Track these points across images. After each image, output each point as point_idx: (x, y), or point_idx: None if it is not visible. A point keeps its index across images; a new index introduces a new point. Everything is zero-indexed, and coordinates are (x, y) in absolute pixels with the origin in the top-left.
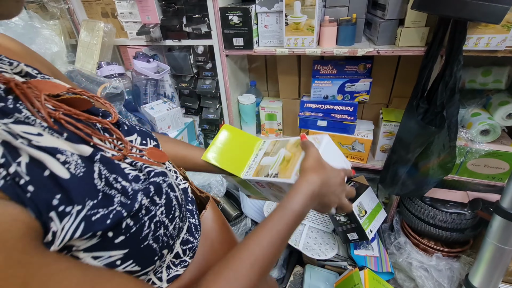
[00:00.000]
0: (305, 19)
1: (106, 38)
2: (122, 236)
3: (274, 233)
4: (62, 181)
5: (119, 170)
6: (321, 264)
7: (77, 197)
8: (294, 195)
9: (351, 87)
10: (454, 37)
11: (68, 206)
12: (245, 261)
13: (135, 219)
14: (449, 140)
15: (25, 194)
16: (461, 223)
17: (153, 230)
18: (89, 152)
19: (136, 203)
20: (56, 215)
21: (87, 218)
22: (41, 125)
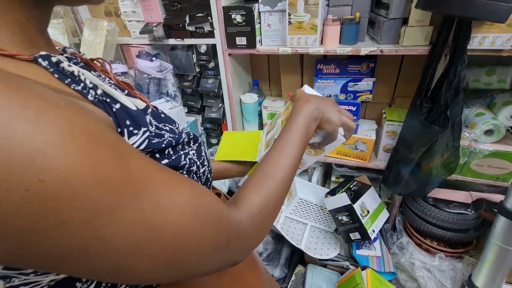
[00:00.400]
0: (308, 18)
1: (109, 37)
2: (166, 159)
3: (290, 156)
4: (131, 111)
5: (166, 119)
6: (323, 264)
7: (142, 123)
8: (291, 117)
9: (354, 87)
10: (458, 36)
11: (135, 129)
12: (274, 182)
13: (174, 149)
14: (452, 140)
15: (111, 109)
16: (464, 223)
17: (188, 164)
18: (144, 106)
19: (181, 138)
20: (127, 133)
21: (149, 138)
22: (109, 82)
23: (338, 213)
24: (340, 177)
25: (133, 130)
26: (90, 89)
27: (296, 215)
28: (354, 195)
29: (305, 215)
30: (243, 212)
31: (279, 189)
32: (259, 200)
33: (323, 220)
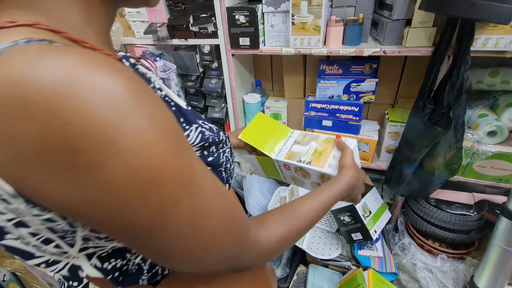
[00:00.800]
0: (311, 19)
1: (114, 37)
2: (211, 156)
3: (320, 212)
4: (182, 109)
5: (203, 118)
6: (325, 264)
7: (193, 120)
8: (338, 181)
9: (357, 87)
10: (462, 38)
11: (187, 125)
12: (299, 224)
13: (217, 147)
14: (455, 141)
15: (171, 108)
16: (466, 224)
17: (225, 161)
18: (185, 104)
19: (221, 136)
20: (181, 128)
21: (202, 132)
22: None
23: (340, 213)
24: None
25: (185, 125)
26: (157, 90)
27: None
28: None
29: None
30: (263, 236)
31: (300, 231)
32: (281, 232)
33: (325, 220)
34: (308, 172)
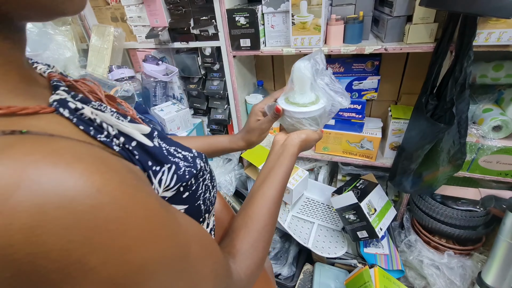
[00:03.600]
0: (311, 19)
1: (116, 42)
2: (187, 192)
3: (279, 185)
4: (148, 148)
5: (175, 142)
6: (331, 262)
7: (164, 158)
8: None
9: (359, 85)
10: (464, 33)
11: (158, 166)
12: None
13: (195, 178)
14: (459, 136)
15: (134, 156)
16: (473, 220)
17: (203, 192)
18: (149, 130)
19: (198, 165)
20: (152, 173)
21: (176, 171)
22: (110, 110)
23: (345, 211)
24: (347, 176)
25: (156, 168)
26: (113, 137)
27: (303, 214)
28: (361, 193)
29: (312, 214)
30: (242, 269)
31: (269, 234)
32: (256, 255)
33: (330, 219)
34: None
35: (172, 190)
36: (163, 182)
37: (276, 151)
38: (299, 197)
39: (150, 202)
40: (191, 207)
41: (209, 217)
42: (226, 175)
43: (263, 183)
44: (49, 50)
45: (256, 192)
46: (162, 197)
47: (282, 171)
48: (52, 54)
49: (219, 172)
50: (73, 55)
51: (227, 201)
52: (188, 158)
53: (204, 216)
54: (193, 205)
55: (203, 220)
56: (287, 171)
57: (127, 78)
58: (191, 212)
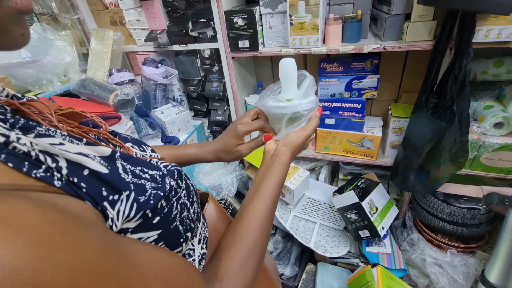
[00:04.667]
0: (309, 19)
1: (115, 46)
2: (158, 216)
3: (270, 197)
4: (103, 175)
5: (142, 162)
6: (333, 262)
7: (121, 186)
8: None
9: (359, 84)
10: (463, 30)
11: (116, 195)
12: (257, 232)
13: (167, 200)
14: (460, 134)
15: (81, 190)
16: (475, 218)
17: (179, 212)
18: (109, 152)
19: (167, 185)
20: (108, 204)
21: (136, 199)
22: (62, 134)
23: (347, 211)
24: (348, 175)
25: (114, 197)
26: (54, 170)
27: (305, 214)
28: (362, 192)
29: (313, 213)
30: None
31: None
32: (245, 276)
33: (331, 218)
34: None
35: (134, 221)
36: (121, 213)
37: (266, 163)
38: (300, 197)
39: (82, 254)
40: (165, 231)
41: (195, 234)
42: (227, 176)
43: (253, 197)
44: (50, 56)
45: (246, 207)
46: (124, 229)
47: (273, 182)
48: (53, 59)
49: (220, 173)
50: (73, 59)
51: (229, 203)
52: (156, 177)
53: (186, 235)
54: (168, 229)
55: (185, 240)
56: (278, 182)
57: (127, 82)
58: (166, 237)
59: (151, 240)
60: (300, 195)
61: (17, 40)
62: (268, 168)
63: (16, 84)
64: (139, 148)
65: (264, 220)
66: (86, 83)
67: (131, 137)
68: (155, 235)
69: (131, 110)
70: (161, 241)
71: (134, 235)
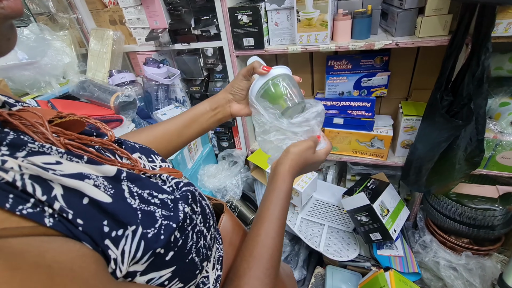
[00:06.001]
0: (317, 14)
1: (115, 46)
2: (172, 251)
3: (277, 221)
4: (105, 205)
5: (151, 184)
6: (343, 265)
7: (126, 218)
8: (278, 180)
9: (368, 82)
10: (481, 24)
11: (120, 229)
12: (265, 256)
13: (181, 230)
14: (476, 133)
15: (77, 228)
16: (491, 219)
17: (195, 242)
18: (114, 172)
19: (180, 213)
20: (111, 241)
21: (144, 236)
22: (58, 151)
23: (357, 213)
24: (356, 175)
25: (117, 232)
26: (45, 204)
27: (313, 216)
28: (372, 194)
29: (321, 215)
30: None
31: (277, 263)
32: None
33: (340, 220)
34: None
35: (142, 263)
36: (126, 254)
37: (269, 180)
38: (308, 199)
39: None
40: (180, 266)
41: (210, 259)
42: (233, 178)
43: (262, 220)
44: (47, 57)
45: (257, 229)
46: (131, 272)
47: (278, 198)
48: (51, 61)
49: (225, 175)
50: (72, 60)
51: (234, 205)
52: (167, 203)
53: (202, 266)
54: (183, 263)
55: (201, 271)
56: (282, 197)
57: (128, 83)
58: (181, 272)
59: (164, 279)
60: (308, 197)
61: (2, 47)
62: (270, 184)
63: (13, 87)
64: (147, 159)
65: (276, 241)
66: (86, 85)
67: (139, 145)
68: (169, 273)
69: (132, 112)
70: (175, 278)
71: (144, 277)
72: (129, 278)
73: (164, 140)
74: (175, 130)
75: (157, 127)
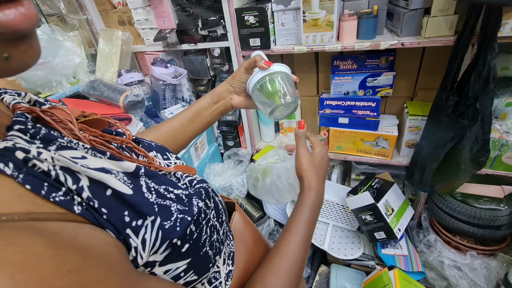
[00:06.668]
0: (323, 15)
1: (124, 46)
2: (187, 243)
3: (299, 235)
4: (126, 197)
5: (167, 180)
6: (347, 263)
7: (146, 209)
8: (303, 200)
9: (373, 82)
10: (487, 24)
11: (139, 219)
12: (283, 267)
13: (196, 224)
14: (482, 133)
15: (102, 217)
16: (497, 219)
17: (209, 236)
18: (133, 168)
19: (195, 207)
20: (131, 231)
21: (162, 226)
22: (84, 147)
23: (362, 212)
24: (361, 175)
25: (137, 222)
26: (74, 193)
27: None
28: (377, 193)
29: (326, 214)
30: None
31: (296, 278)
32: None
33: (344, 219)
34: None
35: (161, 252)
36: (147, 243)
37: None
38: None
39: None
40: (195, 258)
41: (221, 254)
42: (238, 176)
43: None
44: (59, 57)
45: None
46: (151, 262)
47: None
48: (62, 61)
49: (230, 174)
50: (82, 60)
51: (240, 204)
52: (182, 198)
53: (215, 259)
54: (197, 256)
55: (214, 264)
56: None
57: (136, 82)
58: (196, 265)
59: (180, 271)
60: None
61: (33, 56)
62: (296, 211)
63: (25, 86)
64: (162, 157)
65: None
66: (95, 84)
67: (155, 144)
68: (185, 265)
69: (141, 111)
70: (190, 270)
71: (162, 268)
72: (148, 267)
73: (172, 137)
74: (180, 126)
75: (163, 125)
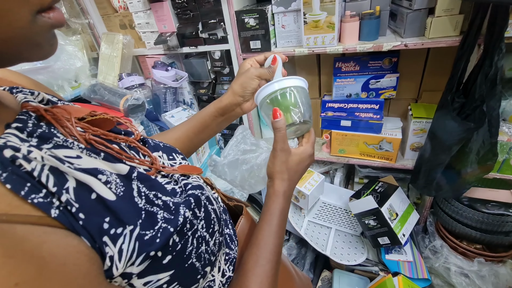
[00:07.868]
0: (324, 16)
1: (125, 50)
2: (169, 255)
3: (268, 248)
4: (109, 203)
5: (157, 185)
6: (350, 269)
7: (126, 217)
8: (270, 207)
9: (376, 84)
10: (494, 24)
11: (119, 227)
12: (253, 286)
13: (180, 235)
14: (489, 136)
15: (78, 222)
16: (505, 225)
17: (195, 247)
18: (126, 170)
19: (180, 217)
20: (109, 238)
21: (140, 237)
22: (79, 147)
23: (365, 217)
24: (364, 178)
25: (116, 230)
26: (54, 196)
27: (320, 219)
28: (380, 197)
29: (328, 218)
30: None
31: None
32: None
33: (348, 223)
34: None
35: (137, 265)
36: (124, 253)
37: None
38: (315, 202)
39: None
40: (179, 270)
41: (214, 266)
42: None
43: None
44: (60, 61)
45: (246, 257)
46: (128, 274)
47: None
48: (64, 65)
49: None
50: (84, 64)
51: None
52: (169, 205)
53: (204, 271)
54: (182, 268)
55: (204, 275)
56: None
57: (137, 86)
58: (180, 277)
59: (162, 282)
60: (315, 200)
61: (46, 51)
62: (264, 212)
63: None
64: (168, 157)
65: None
66: (96, 88)
67: (163, 144)
68: (167, 277)
69: (141, 115)
70: (174, 282)
71: (141, 280)
72: (125, 279)
73: (177, 146)
74: (186, 138)
75: (167, 135)
